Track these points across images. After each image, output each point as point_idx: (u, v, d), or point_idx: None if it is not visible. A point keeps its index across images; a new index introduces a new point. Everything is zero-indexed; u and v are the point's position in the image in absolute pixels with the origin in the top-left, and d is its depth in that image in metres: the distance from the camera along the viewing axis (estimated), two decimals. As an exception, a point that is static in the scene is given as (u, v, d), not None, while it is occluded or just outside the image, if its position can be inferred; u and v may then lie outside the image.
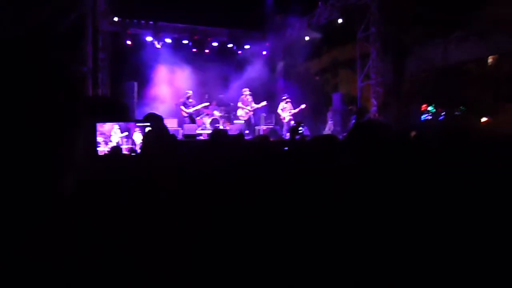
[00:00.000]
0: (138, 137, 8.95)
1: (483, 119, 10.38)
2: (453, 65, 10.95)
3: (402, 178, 1.51)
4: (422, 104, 12.37)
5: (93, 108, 8.40)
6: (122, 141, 9.09)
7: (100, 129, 8.85)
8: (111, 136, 9.05)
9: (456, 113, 11.88)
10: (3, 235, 0.48)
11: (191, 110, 11.99)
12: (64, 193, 0.54)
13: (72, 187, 0.56)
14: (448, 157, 1.88)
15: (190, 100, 12.09)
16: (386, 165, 1.57)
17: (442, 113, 12.40)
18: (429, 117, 13.33)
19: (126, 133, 9.19)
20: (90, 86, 10.19)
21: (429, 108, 13.46)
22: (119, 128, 9.15)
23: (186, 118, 11.90)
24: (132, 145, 8.89)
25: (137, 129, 9.12)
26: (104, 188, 1.06)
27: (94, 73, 10.62)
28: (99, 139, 8.71)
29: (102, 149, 8.35)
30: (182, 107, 11.95)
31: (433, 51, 11.06)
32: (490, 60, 11.06)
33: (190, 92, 12.33)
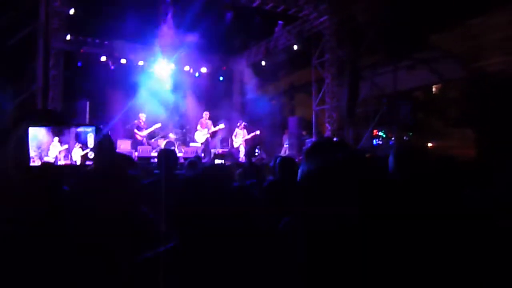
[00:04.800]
0: (77, 154, 8.47)
1: (430, 144, 10.93)
2: (402, 92, 11.52)
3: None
4: (374, 129, 12.86)
5: (27, 115, 7.91)
6: (60, 156, 8.58)
7: (36, 141, 8.35)
8: (49, 150, 8.53)
9: (405, 138, 12.45)
10: None
11: (144, 133, 11.72)
12: None
13: None
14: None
15: (143, 124, 11.82)
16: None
17: (392, 138, 12.95)
18: (380, 142, 13.88)
19: (66, 146, 8.70)
20: (39, 104, 9.70)
21: (380, 133, 14.05)
22: (59, 141, 8.65)
23: (142, 141, 11.61)
24: (71, 161, 8.39)
25: (77, 144, 8.61)
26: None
27: (44, 91, 10.13)
28: (33, 153, 8.17)
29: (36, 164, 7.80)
30: (136, 131, 11.65)
31: (383, 77, 11.60)
32: (435, 87, 11.77)
33: (143, 115, 12.05)
